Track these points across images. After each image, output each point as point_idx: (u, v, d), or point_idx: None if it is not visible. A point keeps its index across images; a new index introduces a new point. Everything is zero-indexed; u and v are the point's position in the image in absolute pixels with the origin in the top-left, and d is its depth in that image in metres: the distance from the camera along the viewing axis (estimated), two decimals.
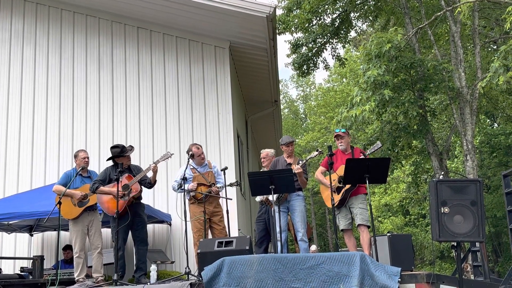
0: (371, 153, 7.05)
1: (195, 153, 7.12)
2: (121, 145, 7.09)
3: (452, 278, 5.52)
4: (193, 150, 7.14)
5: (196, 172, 7.12)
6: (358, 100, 11.19)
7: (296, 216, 6.83)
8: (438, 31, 15.62)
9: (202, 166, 7.24)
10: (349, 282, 4.95)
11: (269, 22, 9.22)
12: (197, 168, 7.17)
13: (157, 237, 9.59)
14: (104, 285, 6.30)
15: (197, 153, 7.15)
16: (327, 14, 16.21)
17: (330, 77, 36.54)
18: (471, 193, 5.18)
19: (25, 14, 10.78)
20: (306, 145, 32.11)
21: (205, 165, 7.28)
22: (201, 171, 7.14)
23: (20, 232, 9.51)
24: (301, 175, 6.76)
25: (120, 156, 6.95)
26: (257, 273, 5.16)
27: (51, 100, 10.27)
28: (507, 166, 19.92)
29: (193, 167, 7.15)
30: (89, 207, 6.83)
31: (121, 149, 6.99)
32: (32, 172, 9.96)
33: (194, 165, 7.18)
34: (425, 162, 15.62)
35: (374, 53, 11.20)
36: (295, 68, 17.31)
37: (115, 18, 10.49)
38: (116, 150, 7.00)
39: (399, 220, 26.96)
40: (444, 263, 24.75)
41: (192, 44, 10.31)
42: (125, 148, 7.05)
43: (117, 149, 7.01)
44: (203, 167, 7.23)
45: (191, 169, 7.13)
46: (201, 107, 9.97)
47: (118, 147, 7.03)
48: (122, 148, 7.01)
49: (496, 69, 9.60)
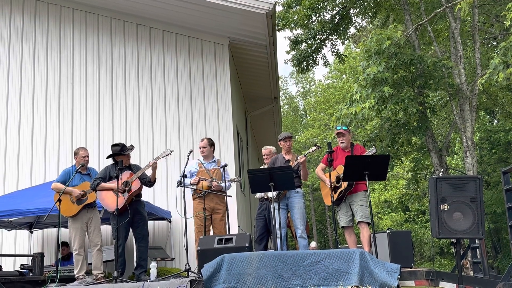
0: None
1: (199, 145, 7.39)
2: (122, 144, 7.10)
3: (451, 274, 5.53)
4: (200, 141, 7.41)
5: (203, 167, 7.16)
6: (358, 97, 11.18)
7: (295, 213, 6.84)
8: (438, 27, 15.59)
9: (210, 162, 7.27)
10: (348, 279, 4.95)
11: (268, 19, 9.21)
12: (204, 164, 7.21)
13: (157, 234, 9.60)
14: (104, 282, 6.30)
15: (199, 145, 7.37)
16: (327, 10, 16.17)
17: (330, 73, 36.52)
18: (471, 190, 5.18)
19: (24, 11, 10.75)
20: (305, 141, 32.10)
21: (213, 161, 7.31)
22: (207, 167, 7.18)
23: (20, 229, 9.52)
24: (305, 164, 6.79)
25: (120, 154, 6.95)
26: (256, 270, 5.16)
27: (51, 97, 10.27)
28: (507, 163, 19.94)
29: (200, 162, 7.22)
30: (88, 205, 6.84)
31: (121, 148, 7.01)
32: (32, 170, 9.97)
33: (201, 160, 7.25)
34: (425, 159, 15.62)
35: (374, 50, 11.19)
36: (294, 65, 17.28)
37: (114, 15, 10.47)
38: (116, 148, 7.01)
39: (398, 216, 27.01)
40: (444, 259, 24.81)
41: (192, 41, 10.30)
42: (125, 146, 7.06)
43: (117, 147, 7.02)
44: (211, 163, 7.26)
45: (198, 163, 7.22)
46: (200, 104, 9.97)
47: (118, 146, 7.04)
48: (122, 147, 7.02)
49: (496, 66, 9.59)
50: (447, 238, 5.44)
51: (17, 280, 6.93)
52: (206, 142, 7.32)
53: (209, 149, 7.32)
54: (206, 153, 7.29)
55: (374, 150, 6.49)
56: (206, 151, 7.29)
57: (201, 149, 7.30)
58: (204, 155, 7.30)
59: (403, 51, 11.90)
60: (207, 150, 7.29)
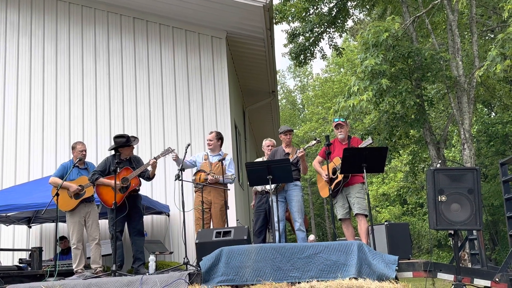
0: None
1: (207, 137, 7.47)
2: (127, 135, 7.04)
3: (449, 266, 5.54)
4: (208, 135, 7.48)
5: (208, 159, 7.21)
6: (356, 89, 11.16)
7: (294, 206, 6.85)
8: (436, 19, 15.54)
9: (215, 155, 7.29)
10: (347, 271, 4.96)
11: (266, 12, 9.18)
12: (210, 156, 7.27)
13: (155, 228, 9.61)
14: (102, 276, 6.31)
15: (207, 138, 7.43)
16: (324, 3, 16.14)
17: (328, 67, 36.47)
18: (468, 182, 5.19)
19: (20, 5, 10.70)
20: (304, 135, 32.11)
21: (218, 155, 7.32)
22: (211, 160, 7.22)
23: (18, 224, 9.52)
24: (304, 158, 6.79)
25: (125, 146, 6.92)
26: (255, 262, 5.17)
27: (48, 91, 10.24)
28: (504, 155, 19.97)
29: (206, 154, 7.30)
30: (86, 199, 6.83)
31: (127, 139, 6.95)
32: (29, 164, 9.96)
33: (208, 153, 7.32)
34: (423, 151, 15.64)
35: (372, 42, 11.16)
36: (292, 58, 17.26)
37: (111, 8, 10.42)
38: (121, 140, 6.94)
39: (396, 209, 27.07)
40: (442, 251, 24.90)
41: (189, 35, 10.26)
42: (130, 138, 7.01)
43: (122, 139, 6.95)
44: (215, 157, 7.27)
45: (204, 155, 7.30)
46: (198, 98, 9.95)
47: (124, 137, 6.99)
48: (128, 138, 6.97)
49: (494, 58, 9.57)
50: (445, 230, 5.44)
51: (16, 274, 6.93)
52: (214, 136, 7.35)
53: (215, 143, 7.34)
54: (212, 146, 7.34)
55: (371, 140, 6.49)
56: (212, 144, 7.32)
57: (208, 142, 7.36)
58: (210, 148, 7.35)
59: (400, 43, 11.88)
60: (213, 143, 7.32)
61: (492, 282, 5.21)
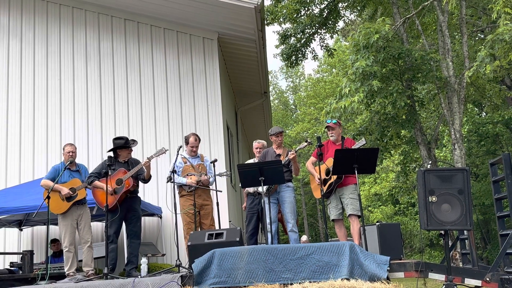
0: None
1: (190, 142, 7.09)
2: (125, 137, 7.03)
3: (440, 266, 5.58)
4: (190, 138, 7.11)
5: (188, 163, 7.09)
6: (347, 91, 11.21)
7: (286, 207, 6.86)
8: (426, 20, 15.64)
9: (194, 158, 7.21)
10: (338, 272, 4.98)
11: (257, 13, 9.20)
12: (189, 159, 7.15)
13: (147, 230, 9.58)
14: (94, 279, 6.29)
15: (192, 143, 7.10)
16: (315, 4, 16.18)
17: (320, 67, 36.55)
18: (459, 182, 5.22)
19: (10, 7, 10.64)
20: (296, 136, 32.15)
21: (197, 157, 7.24)
22: (193, 162, 7.13)
23: (9, 226, 9.45)
24: (295, 160, 6.79)
25: (124, 148, 6.90)
26: (247, 264, 5.18)
27: (38, 93, 10.18)
28: (495, 154, 20.11)
29: (184, 157, 7.13)
30: (78, 201, 6.80)
31: (125, 141, 6.93)
32: (20, 167, 9.89)
33: (186, 156, 7.16)
34: (414, 152, 15.71)
35: (362, 44, 11.22)
36: (283, 59, 17.28)
37: (102, 10, 10.39)
38: (120, 142, 6.92)
39: (388, 209, 27.17)
40: (434, 250, 25.03)
41: (180, 36, 10.25)
42: (128, 140, 6.99)
43: (121, 141, 6.93)
44: (195, 159, 7.19)
45: (182, 158, 7.09)
46: (190, 99, 9.94)
47: (123, 139, 6.97)
48: (126, 140, 6.96)
49: (483, 58, 9.65)
50: (435, 230, 5.48)
51: (7, 278, 6.90)
52: (198, 140, 7.23)
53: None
54: (197, 152, 7.22)
55: (364, 141, 6.51)
56: (197, 149, 7.24)
57: (192, 148, 7.13)
58: (195, 154, 7.19)
59: (391, 44, 11.94)
60: (196, 149, 7.24)
61: (483, 281, 5.26)
